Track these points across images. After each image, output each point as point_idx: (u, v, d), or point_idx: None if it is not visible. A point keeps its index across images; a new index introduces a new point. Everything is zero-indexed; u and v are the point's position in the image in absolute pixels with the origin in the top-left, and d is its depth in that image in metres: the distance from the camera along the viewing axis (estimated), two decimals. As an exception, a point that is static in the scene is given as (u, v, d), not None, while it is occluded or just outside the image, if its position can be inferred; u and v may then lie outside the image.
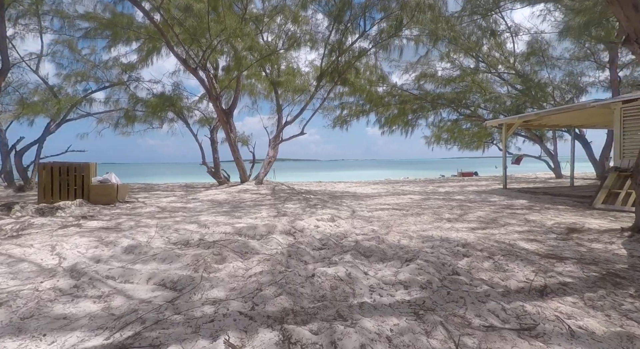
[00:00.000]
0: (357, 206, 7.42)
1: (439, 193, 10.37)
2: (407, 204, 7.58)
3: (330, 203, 7.70)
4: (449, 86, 17.75)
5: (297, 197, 8.79)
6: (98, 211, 6.62)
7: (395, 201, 8.33)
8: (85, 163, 7.64)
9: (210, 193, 9.63)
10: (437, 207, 7.11)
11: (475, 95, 18.03)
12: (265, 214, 6.14)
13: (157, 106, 11.38)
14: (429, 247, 3.93)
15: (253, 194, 9.23)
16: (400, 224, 5.29)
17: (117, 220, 5.38)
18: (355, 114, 17.16)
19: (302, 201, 8.13)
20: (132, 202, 8.00)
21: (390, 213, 6.31)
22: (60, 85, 11.97)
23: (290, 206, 7.32)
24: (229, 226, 4.97)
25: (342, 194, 9.98)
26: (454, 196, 9.57)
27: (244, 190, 10.02)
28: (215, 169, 11.86)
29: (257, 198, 8.57)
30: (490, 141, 21.77)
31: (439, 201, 8.12)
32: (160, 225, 5.01)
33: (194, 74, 9.44)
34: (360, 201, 8.33)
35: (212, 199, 8.53)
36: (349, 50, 9.89)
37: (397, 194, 10.14)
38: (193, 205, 7.56)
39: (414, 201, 8.31)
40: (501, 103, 16.34)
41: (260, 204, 7.59)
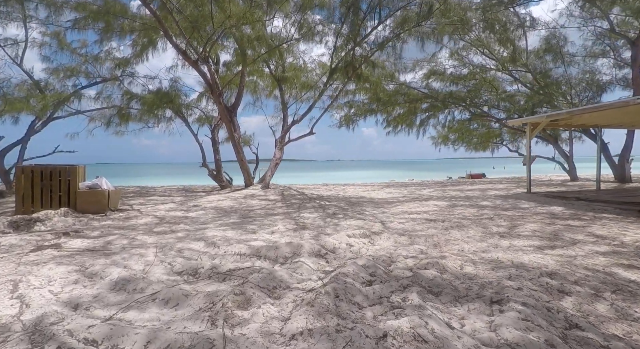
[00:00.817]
0: (382, 215, 6.56)
1: (461, 198, 9.55)
2: (437, 213, 6.74)
3: (351, 212, 6.83)
4: (459, 84, 16.98)
5: (311, 204, 7.91)
6: (85, 222, 5.68)
7: (420, 208, 7.48)
8: (71, 166, 6.69)
9: (213, 199, 8.71)
10: (475, 217, 6.27)
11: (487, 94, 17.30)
12: (282, 227, 5.25)
13: (154, 102, 10.43)
14: (506, 277, 3.07)
15: (261, 201, 8.33)
16: (447, 241, 4.43)
17: (107, 237, 4.46)
18: (363, 113, 16.30)
19: (318, 208, 7.25)
20: (126, 210, 7.06)
21: (427, 225, 5.45)
22: (47, 80, 10.97)
23: (307, 215, 6.44)
24: (243, 245, 4.08)
25: (358, 200, 9.11)
26: (480, 202, 8.77)
27: (251, 195, 9.11)
28: (217, 171, 10.94)
29: (266, 205, 7.67)
30: (500, 141, 21.10)
31: (471, 209, 7.29)
32: (159, 244, 4.10)
33: (195, 67, 8.53)
34: (382, 208, 7.47)
35: (217, 206, 7.62)
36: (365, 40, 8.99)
37: (417, 199, 9.30)
38: (195, 214, 6.64)
39: (442, 208, 7.47)
40: (514, 102, 15.58)
41: (272, 213, 6.69)
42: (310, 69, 13.05)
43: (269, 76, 13.83)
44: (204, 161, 11.14)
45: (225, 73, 13.31)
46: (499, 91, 16.95)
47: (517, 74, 16.76)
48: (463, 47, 16.91)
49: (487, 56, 16.53)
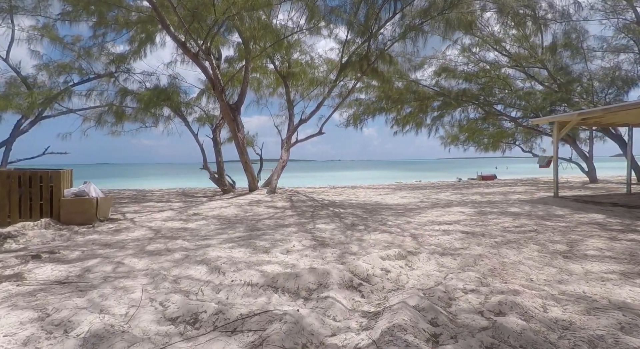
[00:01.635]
0: (407, 225, 5.76)
1: (485, 203, 8.75)
2: (471, 223, 5.93)
3: (372, 222, 6.03)
4: (472, 82, 16.17)
5: (324, 212, 7.10)
6: (67, 237, 4.87)
7: (447, 216, 6.67)
8: (55, 170, 5.89)
9: (215, 206, 7.91)
10: (517, 229, 5.46)
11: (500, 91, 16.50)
12: (298, 243, 4.45)
13: (150, 100, 9.62)
14: (617, 327, 2.27)
15: (269, 208, 7.52)
16: (504, 264, 3.63)
17: (87, 261, 3.64)
18: (372, 111, 15.49)
19: (333, 218, 6.44)
20: (117, 220, 6.26)
21: (467, 241, 4.65)
22: (36, 76, 10.17)
23: (323, 226, 5.64)
24: (254, 271, 3.28)
25: (374, 206, 8.30)
26: (508, 208, 7.99)
27: (256, 201, 8.31)
28: (219, 174, 10.13)
29: (275, 214, 6.86)
30: (512, 141, 20.29)
31: (505, 218, 6.48)
32: (150, 271, 3.30)
33: (195, 60, 7.74)
34: (405, 217, 6.66)
35: (219, 215, 6.81)
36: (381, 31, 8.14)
37: (438, 205, 8.49)
38: (196, 225, 5.84)
39: (471, 217, 6.66)
40: (532, 100, 14.76)
41: (283, 223, 5.89)
42: (317, 65, 12.25)
43: (274, 73, 13.04)
44: (204, 163, 10.34)
45: (228, 69, 12.53)
46: (513, 89, 16.16)
47: (530, 71, 15.96)
48: (476, 43, 16.14)
49: (500, 52, 15.71)
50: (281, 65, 12.18)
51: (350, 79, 10.95)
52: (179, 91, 10.27)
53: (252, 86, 13.73)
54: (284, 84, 12.30)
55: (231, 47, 12.69)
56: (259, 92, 13.65)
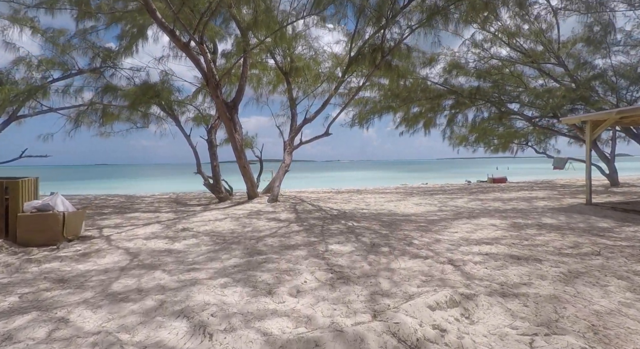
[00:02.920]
0: (439, 246, 4.76)
1: (511, 212, 7.77)
2: (513, 242, 4.94)
3: (395, 241, 5.03)
4: (485, 79, 15.19)
5: (335, 226, 6.10)
6: (17, 267, 3.86)
7: (482, 233, 5.68)
8: (12, 180, 4.88)
9: (209, 217, 6.90)
10: (573, 250, 4.47)
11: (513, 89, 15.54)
12: (310, 278, 3.45)
13: (137, 97, 8.59)
14: None
15: (270, 221, 6.50)
16: (600, 317, 2.63)
17: (15, 318, 2.62)
18: (379, 110, 14.50)
19: (348, 235, 5.43)
20: (90, 238, 5.25)
21: (524, 270, 3.65)
22: (9, 70, 9.13)
23: (338, 247, 4.64)
24: (254, 333, 2.29)
25: (390, 217, 7.30)
26: (542, 219, 7.06)
27: (256, 212, 7.30)
28: (214, 180, 9.10)
29: (279, 229, 5.85)
30: (525, 142, 19.32)
31: (549, 234, 5.50)
32: (103, 339, 2.28)
33: (186, 51, 6.74)
34: (432, 233, 5.67)
35: (213, 230, 5.81)
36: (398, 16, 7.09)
37: (462, 216, 7.50)
38: (183, 246, 4.84)
39: (509, 232, 5.67)
40: (551, 98, 13.78)
41: (289, 244, 4.88)
42: (322, 60, 11.25)
43: (274, 70, 12.05)
44: (198, 167, 9.31)
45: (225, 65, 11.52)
46: (528, 87, 15.19)
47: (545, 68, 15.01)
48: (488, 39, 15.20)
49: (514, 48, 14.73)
50: (283, 61, 11.18)
51: (359, 75, 9.96)
52: (170, 88, 9.22)
53: (251, 83, 12.75)
54: (286, 80, 11.30)
55: (228, 41, 11.70)
56: (259, 90, 12.65)
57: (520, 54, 14.80)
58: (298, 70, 10.48)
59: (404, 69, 8.80)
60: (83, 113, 9.71)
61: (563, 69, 14.27)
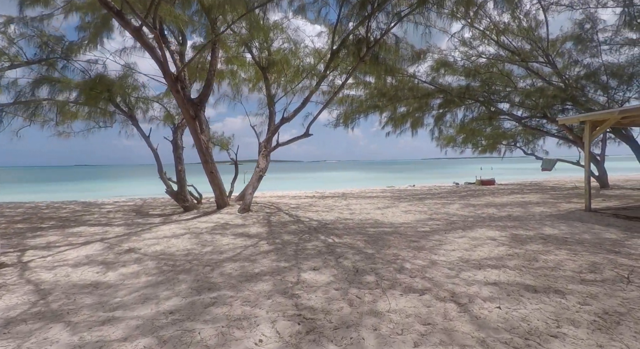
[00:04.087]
0: (437, 273, 3.92)
1: (508, 220, 7.07)
2: (523, 266, 4.15)
3: (383, 265, 4.16)
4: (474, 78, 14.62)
5: (313, 244, 5.18)
6: None
7: (483, 251, 4.88)
8: None
9: (165, 233, 5.87)
10: (600, 279, 3.70)
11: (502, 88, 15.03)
12: (270, 331, 2.53)
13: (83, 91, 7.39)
14: None
15: (237, 237, 5.52)
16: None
17: None
18: (364, 109, 13.69)
19: (327, 256, 4.53)
20: (1, 265, 4.16)
21: (549, 314, 2.83)
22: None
23: (313, 277, 3.72)
24: None
25: (376, 229, 6.44)
26: (544, 229, 6.44)
27: (222, 225, 6.30)
28: (179, 187, 7.98)
29: (244, 249, 4.88)
30: (513, 143, 18.93)
31: (557, 251, 4.75)
32: None
33: (138, 37, 5.70)
34: (426, 251, 4.83)
35: (164, 251, 4.79)
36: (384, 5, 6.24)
37: (457, 226, 6.72)
38: (118, 276, 3.82)
39: (512, 248, 4.91)
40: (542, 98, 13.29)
41: (252, 272, 3.92)
42: (303, 55, 10.32)
43: (253, 65, 11.07)
44: (160, 172, 8.16)
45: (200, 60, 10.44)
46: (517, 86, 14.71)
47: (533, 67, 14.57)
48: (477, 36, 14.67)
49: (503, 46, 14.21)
50: (260, 54, 10.21)
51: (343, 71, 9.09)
52: (125, 82, 7.99)
53: (226, 80, 11.72)
54: (264, 76, 10.33)
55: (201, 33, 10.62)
56: (235, 87, 11.62)
57: (508, 52, 14.30)
58: (276, 65, 9.53)
59: (392, 64, 7.99)
60: (34, 110, 8.43)
61: (551, 68, 13.84)
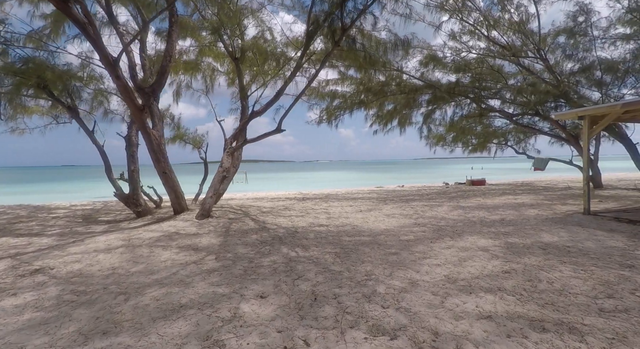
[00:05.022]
0: (416, 300, 3.09)
1: (503, 227, 6.30)
2: (524, 289, 3.35)
3: (349, 290, 3.31)
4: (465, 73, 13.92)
5: (271, 259, 4.29)
6: None
7: (474, 266, 4.07)
8: None
9: (97, 245, 4.91)
10: (621, 305, 2.91)
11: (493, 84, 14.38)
12: None
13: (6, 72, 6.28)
14: None
15: (181, 251, 4.60)
16: None
17: None
18: (349, 106, 12.85)
19: (282, 277, 3.65)
20: None
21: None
22: None
23: (256, 309, 2.84)
24: None
25: (352, 237, 5.58)
26: (542, 236, 5.72)
27: (170, 235, 5.37)
28: (131, 189, 6.94)
29: (183, 267, 3.97)
30: (504, 142, 18.34)
31: (567, 269, 3.98)
32: None
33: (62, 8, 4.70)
34: (405, 267, 4.00)
35: (81, 271, 3.86)
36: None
37: (444, 234, 5.92)
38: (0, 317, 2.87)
39: (508, 262, 4.13)
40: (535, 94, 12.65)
41: (177, 302, 3.02)
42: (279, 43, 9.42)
43: (226, 57, 10.15)
44: (108, 172, 7.08)
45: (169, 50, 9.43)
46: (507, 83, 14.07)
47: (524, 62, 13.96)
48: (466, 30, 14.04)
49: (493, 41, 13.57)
50: (231, 42, 9.29)
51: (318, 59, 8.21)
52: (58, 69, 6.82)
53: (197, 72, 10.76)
54: (236, 66, 9.41)
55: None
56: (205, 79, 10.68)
57: (499, 47, 13.65)
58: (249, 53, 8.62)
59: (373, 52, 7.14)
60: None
61: (543, 63, 13.24)
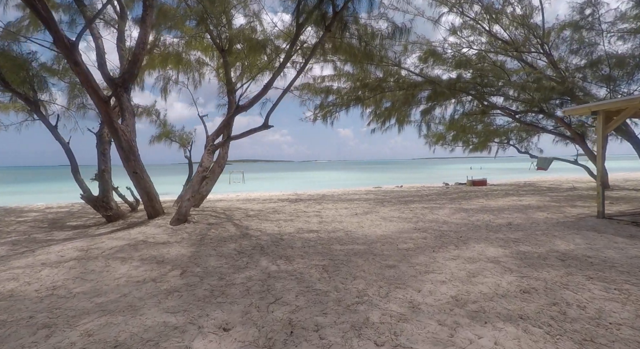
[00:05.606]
0: (420, 335, 2.44)
1: (511, 233, 5.68)
2: (551, 315, 2.72)
3: (336, 316, 2.68)
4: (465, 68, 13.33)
5: (247, 275, 3.65)
6: None
7: (486, 284, 3.46)
8: None
9: (47, 257, 4.25)
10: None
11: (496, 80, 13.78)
12: None
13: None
14: None
15: (143, 264, 3.94)
16: None
17: None
18: (345, 103, 12.22)
19: (258, 298, 3.00)
20: None
21: None
22: None
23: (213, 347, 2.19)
24: None
25: (343, 245, 4.94)
26: (556, 243, 5.14)
27: (135, 244, 4.71)
28: (101, 191, 6.24)
29: (139, 285, 3.32)
30: (506, 141, 17.73)
31: (596, 287, 3.36)
32: None
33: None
34: (404, 285, 3.37)
35: (12, 292, 3.22)
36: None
37: (448, 241, 5.30)
38: None
39: (521, 274, 3.53)
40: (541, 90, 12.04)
41: (113, 338, 2.36)
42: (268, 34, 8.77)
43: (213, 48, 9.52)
44: (74, 173, 6.37)
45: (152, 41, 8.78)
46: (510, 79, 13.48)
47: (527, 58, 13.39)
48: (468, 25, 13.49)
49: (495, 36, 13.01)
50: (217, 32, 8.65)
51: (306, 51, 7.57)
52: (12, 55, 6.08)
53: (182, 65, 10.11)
54: (223, 59, 8.77)
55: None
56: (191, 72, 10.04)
57: (501, 42, 13.07)
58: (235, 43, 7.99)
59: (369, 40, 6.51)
60: None
61: (547, 58, 12.66)
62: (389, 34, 6.71)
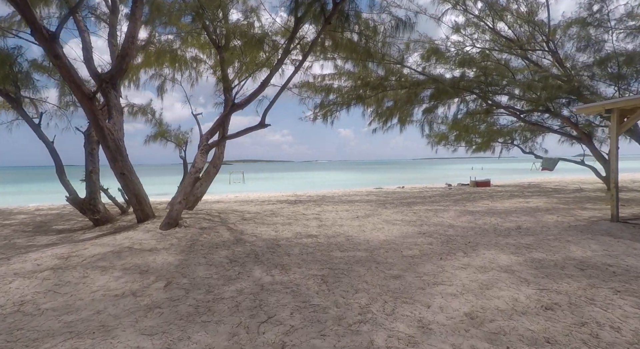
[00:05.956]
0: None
1: (521, 238, 5.35)
2: (583, 337, 2.37)
3: (334, 340, 2.32)
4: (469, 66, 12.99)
5: (238, 287, 3.31)
6: None
7: (502, 298, 3.12)
8: None
9: (22, 266, 3.93)
10: None
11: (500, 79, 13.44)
12: None
13: None
14: None
15: (125, 274, 3.61)
16: None
17: None
18: (346, 101, 11.89)
19: (248, 316, 2.67)
20: None
21: None
22: None
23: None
24: None
25: (345, 252, 4.61)
26: (571, 250, 4.84)
27: (121, 251, 4.37)
28: (88, 193, 5.89)
29: (116, 300, 2.99)
30: (510, 141, 17.37)
31: (626, 303, 3.00)
32: None
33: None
34: (411, 300, 3.03)
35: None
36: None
37: (455, 246, 4.96)
38: None
39: (539, 286, 3.20)
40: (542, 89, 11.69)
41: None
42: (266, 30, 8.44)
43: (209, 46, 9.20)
44: (59, 173, 6.05)
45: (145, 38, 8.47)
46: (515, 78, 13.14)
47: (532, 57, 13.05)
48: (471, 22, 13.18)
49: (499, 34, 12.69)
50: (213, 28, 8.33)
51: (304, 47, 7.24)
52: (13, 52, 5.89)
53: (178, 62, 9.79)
54: (219, 56, 8.46)
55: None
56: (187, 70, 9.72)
57: (506, 40, 12.74)
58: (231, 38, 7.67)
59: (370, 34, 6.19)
60: None
61: (553, 56, 12.33)
62: (392, 28, 6.37)
